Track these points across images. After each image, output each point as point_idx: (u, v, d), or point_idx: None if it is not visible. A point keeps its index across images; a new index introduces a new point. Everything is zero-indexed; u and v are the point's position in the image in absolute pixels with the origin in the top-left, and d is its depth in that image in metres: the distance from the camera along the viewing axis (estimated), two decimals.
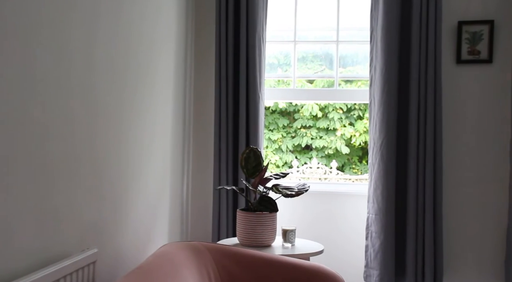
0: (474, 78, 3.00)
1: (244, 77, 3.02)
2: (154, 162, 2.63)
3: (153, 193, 2.63)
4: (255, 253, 2.30)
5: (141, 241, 2.47)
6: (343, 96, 3.58)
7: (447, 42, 3.00)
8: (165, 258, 1.94)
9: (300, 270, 2.22)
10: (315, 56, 5.64)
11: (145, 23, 2.48)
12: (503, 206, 2.91)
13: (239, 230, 2.65)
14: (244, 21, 3.01)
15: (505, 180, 2.91)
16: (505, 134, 2.92)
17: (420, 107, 2.89)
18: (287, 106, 6.55)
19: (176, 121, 2.97)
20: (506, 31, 2.94)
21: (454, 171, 3.00)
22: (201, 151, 3.23)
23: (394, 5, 2.91)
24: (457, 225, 2.99)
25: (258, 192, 2.69)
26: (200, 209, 3.21)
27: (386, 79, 2.91)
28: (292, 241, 2.68)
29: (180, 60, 3.02)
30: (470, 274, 2.98)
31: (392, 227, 2.88)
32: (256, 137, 3.03)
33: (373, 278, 2.93)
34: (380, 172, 2.92)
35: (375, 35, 3.00)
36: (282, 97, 3.69)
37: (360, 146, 6.38)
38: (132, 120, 2.33)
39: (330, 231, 3.14)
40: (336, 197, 3.17)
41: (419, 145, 2.89)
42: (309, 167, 4.18)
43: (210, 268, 2.15)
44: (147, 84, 2.51)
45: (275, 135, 6.49)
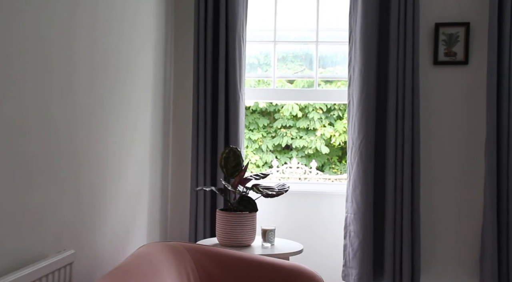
0: (451, 79, 3.05)
1: (223, 77, 3.02)
2: (133, 162, 2.61)
3: (132, 193, 2.61)
4: (234, 253, 2.30)
5: (119, 241, 2.44)
6: (322, 97, 3.61)
7: (424, 44, 3.04)
8: (143, 258, 1.93)
9: (280, 270, 2.23)
10: (295, 56, 5.67)
11: (124, 23, 2.45)
12: (479, 205, 2.97)
13: (218, 230, 2.65)
14: (224, 21, 3.01)
15: (480, 179, 2.96)
16: (481, 134, 2.97)
17: (398, 107, 2.93)
18: (267, 106, 6.56)
19: (155, 121, 2.95)
20: (481, 33, 3.00)
21: (431, 170, 3.04)
22: (180, 151, 3.21)
23: (373, 6, 2.94)
24: (434, 224, 3.04)
25: (238, 192, 2.69)
26: (180, 209, 3.20)
27: (365, 80, 2.94)
28: (272, 240, 2.68)
29: (160, 60, 3.01)
30: (446, 272, 3.03)
31: (370, 226, 2.91)
32: (237, 137, 3.03)
33: (351, 277, 2.95)
34: (359, 172, 2.94)
35: (354, 36, 3.03)
36: (262, 97, 3.69)
37: (339, 146, 6.43)
38: (111, 121, 2.31)
39: (309, 231, 3.15)
40: (315, 197, 3.19)
41: (397, 145, 2.92)
42: (289, 167, 4.19)
43: (189, 269, 2.15)
44: (127, 84, 2.49)
45: (255, 135, 6.50)
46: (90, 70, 2.10)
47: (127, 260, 1.89)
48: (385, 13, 2.97)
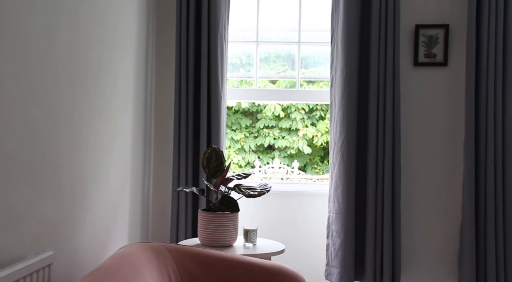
0: (431, 80, 3.09)
1: (205, 77, 3.01)
2: (114, 162, 2.59)
3: (113, 193, 2.58)
4: (216, 253, 2.30)
5: (100, 242, 2.42)
6: (304, 97, 3.62)
7: (405, 45, 3.08)
8: (124, 259, 1.91)
9: (261, 270, 2.23)
10: (277, 56, 5.68)
11: (107, 23, 2.43)
12: (457, 204, 3.01)
13: (200, 230, 2.64)
14: (206, 21, 3.00)
15: (459, 178, 3.00)
16: (460, 134, 3.02)
17: (379, 108, 2.96)
18: (250, 106, 6.56)
19: (137, 121, 2.93)
20: (460, 36, 3.05)
21: (411, 170, 3.08)
22: (162, 151, 3.19)
23: (354, 8, 2.96)
24: (414, 223, 3.08)
25: (220, 192, 2.69)
26: (162, 210, 3.18)
27: (347, 81, 2.96)
28: (254, 240, 2.69)
29: (141, 60, 2.98)
30: (426, 270, 3.06)
31: (352, 225, 2.94)
32: (218, 137, 3.03)
33: (333, 277, 2.97)
34: (341, 172, 2.96)
35: (335, 37, 3.05)
36: (244, 97, 3.69)
37: (321, 146, 6.47)
38: (92, 121, 2.29)
39: (291, 231, 3.16)
40: (297, 197, 3.20)
41: (378, 145, 2.95)
42: (271, 167, 4.21)
43: (171, 269, 2.13)
44: (108, 84, 2.47)
45: (237, 135, 6.50)
46: (72, 70, 2.07)
47: (107, 261, 1.87)
48: (367, 14, 3.00)
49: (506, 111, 2.90)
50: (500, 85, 2.89)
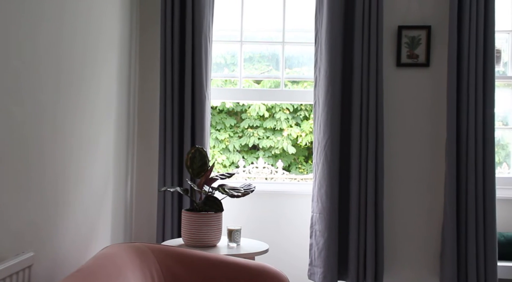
0: (413, 80, 3.12)
1: (189, 77, 3.00)
2: (97, 163, 2.57)
3: (96, 194, 2.56)
4: (200, 253, 2.29)
5: (82, 243, 2.40)
6: (289, 97, 3.63)
7: (388, 46, 3.10)
8: (107, 260, 1.90)
9: (245, 270, 2.23)
10: (262, 56, 5.68)
11: (90, 23, 2.41)
12: (440, 204, 3.04)
13: (184, 231, 2.63)
14: (190, 20, 2.99)
15: (441, 178, 3.04)
16: (442, 134, 3.05)
17: (363, 108, 2.98)
18: (234, 106, 6.56)
19: (120, 121, 2.90)
20: (442, 37, 3.08)
21: (394, 170, 3.11)
22: (146, 151, 3.17)
23: (338, 8, 2.98)
24: (397, 223, 3.10)
25: (204, 192, 2.68)
26: (145, 210, 3.16)
27: (330, 81, 2.98)
28: (238, 240, 2.68)
29: (124, 60, 2.96)
30: (408, 269, 3.09)
31: (335, 225, 2.95)
32: (202, 137, 3.02)
33: (317, 276, 2.98)
34: (324, 172, 2.98)
35: (319, 37, 3.06)
36: (228, 97, 3.69)
37: (306, 146, 6.49)
38: (75, 121, 2.26)
39: (275, 230, 3.17)
40: (281, 197, 3.21)
41: (362, 145, 2.97)
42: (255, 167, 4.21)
43: (154, 270, 2.12)
44: (92, 83, 2.44)
45: (222, 135, 6.49)
46: (55, 71, 2.05)
47: (89, 262, 1.85)
48: (350, 15, 3.02)
49: (487, 112, 2.94)
50: (480, 86, 2.94)
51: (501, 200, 3.04)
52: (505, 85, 3.27)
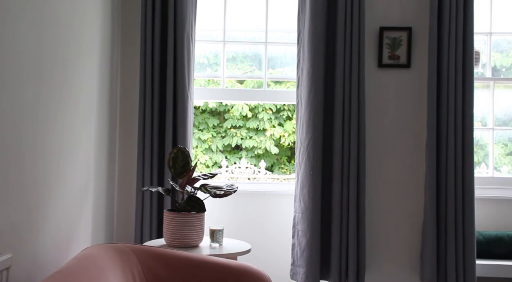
0: (394, 81, 3.15)
1: (171, 76, 2.98)
2: (78, 162, 2.54)
3: (76, 194, 2.53)
4: (181, 253, 2.28)
5: (62, 244, 2.37)
6: (271, 97, 3.64)
7: (369, 47, 3.13)
8: (87, 261, 1.88)
9: (227, 270, 2.22)
10: (245, 56, 5.68)
11: (72, 22, 2.38)
12: (420, 203, 3.08)
13: (166, 231, 2.62)
14: (172, 20, 2.98)
15: (422, 178, 3.07)
16: (423, 135, 3.09)
17: (345, 108, 3.00)
18: (217, 106, 6.55)
19: (101, 120, 2.88)
20: (422, 38, 3.12)
21: (375, 170, 3.13)
22: (127, 151, 3.15)
23: (320, 9, 2.99)
24: (378, 222, 3.13)
25: (186, 192, 2.67)
26: (127, 210, 3.13)
27: (313, 81, 2.99)
28: (220, 241, 2.68)
29: (106, 59, 2.93)
30: (390, 268, 3.12)
31: (318, 225, 2.96)
32: (185, 137, 3.00)
33: (299, 276, 2.99)
34: (307, 172, 2.99)
35: (302, 38, 3.08)
36: (211, 97, 3.68)
37: (289, 146, 6.51)
38: (56, 120, 2.23)
39: (258, 231, 3.17)
40: (264, 197, 3.21)
41: (344, 145, 2.99)
42: (238, 167, 4.20)
43: (136, 270, 2.11)
44: (73, 82, 2.41)
45: (205, 135, 6.47)
46: (36, 69, 2.02)
47: (69, 263, 1.83)
48: (332, 16, 3.04)
49: (466, 112, 2.98)
50: (460, 87, 2.98)
51: (480, 200, 3.09)
52: (484, 86, 3.33)
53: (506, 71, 3.63)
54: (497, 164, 3.72)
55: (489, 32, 3.31)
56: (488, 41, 3.31)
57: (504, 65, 3.68)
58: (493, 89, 3.29)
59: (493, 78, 3.31)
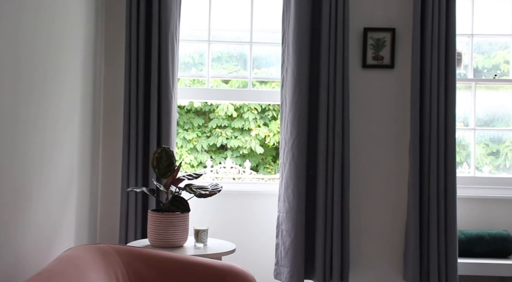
0: (378, 82, 3.18)
1: (155, 76, 2.97)
2: (60, 163, 2.51)
3: (58, 195, 2.50)
4: (166, 254, 2.27)
5: (44, 245, 2.34)
6: (256, 97, 3.64)
7: (353, 47, 3.15)
8: (69, 262, 1.86)
9: (212, 270, 2.22)
10: (230, 56, 5.68)
11: (54, 20, 2.35)
12: (404, 203, 3.11)
13: (150, 231, 2.60)
14: (156, 19, 2.96)
15: (405, 178, 3.10)
16: (406, 135, 3.12)
17: (329, 108, 3.01)
18: (202, 106, 6.53)
19: (85, 119, 2.85)
20: (406, 39, 3.15)
21: (360, 170, 3.15)
22: (111, 151, 3.12)
23: (305, 9, 3.00)
24: (362, 222, 3.15)
25: (170, 192, 2.66)
26: (111, 210, 3.11)
27: (297, 81, 3.00)
28: (204, 241, 2.67)
29: (89, 58, 2.91)
30: (373, 268, 3.14)
31: (302, 225, 2.97)
32: (169, 136, 2.99)
33: (283, 276, 3.00)
34: (291, 171, 2.99)
35: (286, 38, 3.08)
36: (196, 96, 3.67)
37: (274, 146, 6.52)
38: (37, 119, 2.20)
39: (243, 230, 3.17)
40: (249, 197, 3.21)
41: (328, 145, 3.00)
42: (223, 167, 4.20)
43: (119, 271, 2.09)
44: (54, 81, 2.39)
45: (190, 135, 6.45)
46: (14, 67, 1.99)
47: (51, 265, 1.81)
48: (317, 17, 3.05)
49: (448, 113, 3.02)
50: (442, 88, 3.01)
51: (461, 199, 3.13)
52: (466, 87, 3.37)
53: (487, 73, 3.68)
54: (479, 164, 3.77)
55: (471, 34, 3.35)
56: (470, 43, 3.36)
57: (485, 67, 3.73)
58: (475, 90, 3.34)
59: (475, 79, 3.36)
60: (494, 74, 3.59)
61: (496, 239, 3.04)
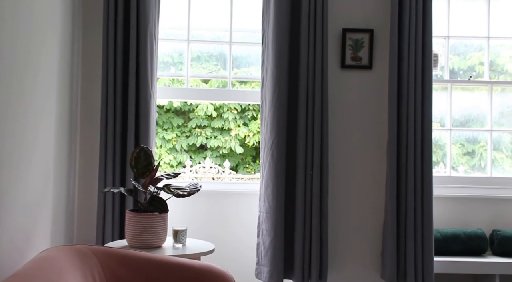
0: (357, 82, 3.21)
1: (134, 75, 2.94)
2: (35, 163, 2.47)
3: (34, 195, 2.46)
4: (144, 254, 2.25)
5: (19, 246, 2.30)
6: (236, 97, 3.63)
7: (332, 48, 3.17)
8: (45, 263, 1.83)
9: (190, 270, 2.21)
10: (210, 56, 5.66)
11: (33, 19, 2.31)
12: (381, 202, 3.14)
13: (128, 232, 2.58)
14: (135, 18, 2.94)
15: (383, 178, 3.14)
16: (384, 135, 3.15)
17: (308, 108, 3.03)
18: (182, 105, 6.50)
19: (61, 119, 2.81)
20: (384, 41, 3.19)
21: (338, 170, 3.18)
22: (90, 151, 3.08)
23: (284, 10, 3.01)
24: (340, 221, 3.17)
25: (149, 192, 2.64)
26: (88, 211, 3.07)
27: (277, 81, 3.01)
28: (183, 241, 2.66)
29: (66, 56, 2.86)
30: (352, 267, 3.17)
31: (281, 224, 2.98)
32: (147, 136, 2.97)
33: (263, 275, 3.01)
34: (271, 171, 3.00)
35: (266, 38, 3.09)
36: (176, 96, 3.65)
37: (254, 146, 6.53)
38: (9, 118, 2.16)
39: (222, 230, 3.16)
40: (228, 196, 3.21)
41: (307, 145, 3.02)
42: (202, 167, 4.19)
43: (96, 272, 2.07)
44: (27, 79, 2.34)
45: (169, 135, 6.41)
46: None
47: (26, 266, 1.78)
48: (296, 17, 3.06)
49: (425, 113, 3.06)
50: (419, 88, 3.06)
51: (438, 198, 3.18)
52: (442, 88, 3.42)
53: (463, 74, 3.74)
54: (455, 164, 3.83)
55: (447, 36, 3.41)
56: (446, 44, 3.42)
57: (461, 68, 3.80)
58: (451, 91, 3.40)
59: (451, 80, 3.42)
60: (470, 75, 3.65)
61: (471, 238, 3.10)
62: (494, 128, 3.44)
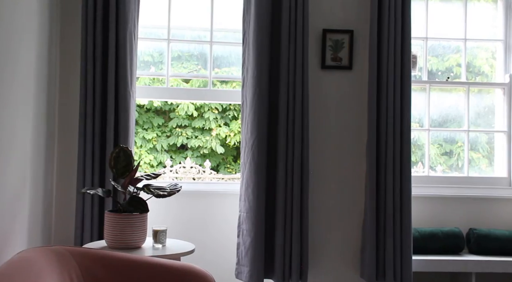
0: (337, 83, 3.23)
1: (112, 74, 2.91)
2: (11, 163, 2.42)
3: (10, 196, 2.41)
4: (123, 255, 2.23)
5: None
6: (216, 97, 3.63)
7: (313, 48, 3.19)
8: (21, 265, 1.80)
9: (170, 271, 2.20)
10: (190, 55, 5.64)
11: (13, 19, 2.27)
12: (361, 202, 3.17)
13: (107, 232, 2.55)
14: (114, 16, 2.90)
15: (362, 177, 3.16)
16: (363, 135, 3.18)
17: (289, 108, 3.03)
18: (162, 105, 6.46)
19: (38, 120, 2.76)
20: (363, 41, 3.21)
21: (318, 169, 3.19)
22: (67, 151, 3.04)
23: (265, 10, 3.02)
24: (321, 221, 3.19)
25: (128, 193, 2.62)
26: (67, 212, 3.03)
27: (257, 81, 3.01)
28: (163, 241, 2.64)
29: (43, 55, 2.82)
30: (332, 266, 3.19)
31: (262, 224, 2.98)
32: (126, 136, 2.94)
33: (243, 275, 3.00)
34: (251, 171, 3.00)
35: (247, 38, 3.09)
36: (156, 95, 3.62)
37: (235, 146, 6.52)
38: None
39: (203, 231, 3.15)
40: (209, 196, 3.20)
41: (288, 145, 3.03)
42: (182, 167, 4.17)
43: (74, 274, 2.04)
44: (3, 84, 2.30)
45: (149, 135, 6.37)
46: None
47: (2, 267, 1.74)
48: (277, 17, 3.07)
49: (404, 114, 3.10)
50: (398, 89, 3.09)
51: (416, 198, 3.22)
52: (421, 89, 3.47)
53: (441, 75, 3.80)
54: (433, 163, 3.89)
55: (425, 37, 3.46)
56: (425, 46, 3.46)
57: (439, 69, 3.86)
58: (429, 92, 3.44)
59: (429, 81, 3.46)
60: (447, 76, 3.71)
61: (449, 236, 3.15)
62: (471, 129, 3.49)
